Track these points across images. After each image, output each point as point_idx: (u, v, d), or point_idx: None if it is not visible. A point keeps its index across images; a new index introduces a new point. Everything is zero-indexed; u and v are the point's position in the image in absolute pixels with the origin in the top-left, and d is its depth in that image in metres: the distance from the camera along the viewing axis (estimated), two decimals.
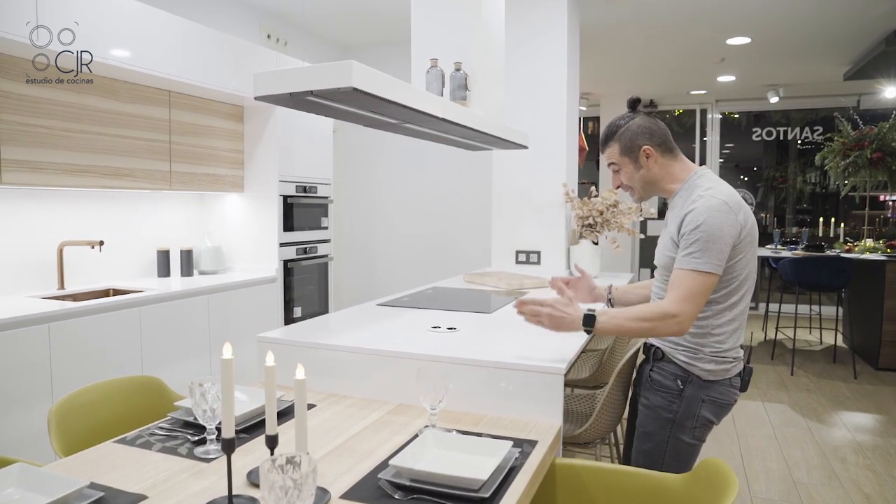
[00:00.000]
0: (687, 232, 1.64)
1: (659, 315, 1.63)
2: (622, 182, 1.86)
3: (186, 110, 3.67)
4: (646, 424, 1.78)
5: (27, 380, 2.55)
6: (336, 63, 1.69)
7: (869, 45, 5.52)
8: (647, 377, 1.80)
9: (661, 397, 1.75)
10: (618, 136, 1.84)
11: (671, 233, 1.73)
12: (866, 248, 5.53)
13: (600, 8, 4.64)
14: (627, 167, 1.83)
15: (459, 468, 1.32)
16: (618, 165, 1.85)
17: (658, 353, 1.78)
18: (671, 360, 1.75)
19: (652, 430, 1.77)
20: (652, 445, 1.77)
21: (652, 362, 1.80)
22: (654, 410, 1.77)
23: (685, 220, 1.66)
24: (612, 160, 1.86)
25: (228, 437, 1.16)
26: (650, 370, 1.79)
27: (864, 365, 5.35)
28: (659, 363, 1.78)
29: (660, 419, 1.75)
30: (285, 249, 4.16)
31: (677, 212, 1.73)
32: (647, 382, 1.80)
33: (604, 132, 1.88)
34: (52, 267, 3.25)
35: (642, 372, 1.85)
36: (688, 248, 1.63)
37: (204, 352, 3.46)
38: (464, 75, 2.63)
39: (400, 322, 2.42)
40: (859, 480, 3.12)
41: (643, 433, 1.79)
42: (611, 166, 1.87)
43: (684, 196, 1.75)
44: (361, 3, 4.67)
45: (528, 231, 4.16)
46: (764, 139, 8.41)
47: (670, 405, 1.74)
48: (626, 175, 1.84)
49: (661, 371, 1.77)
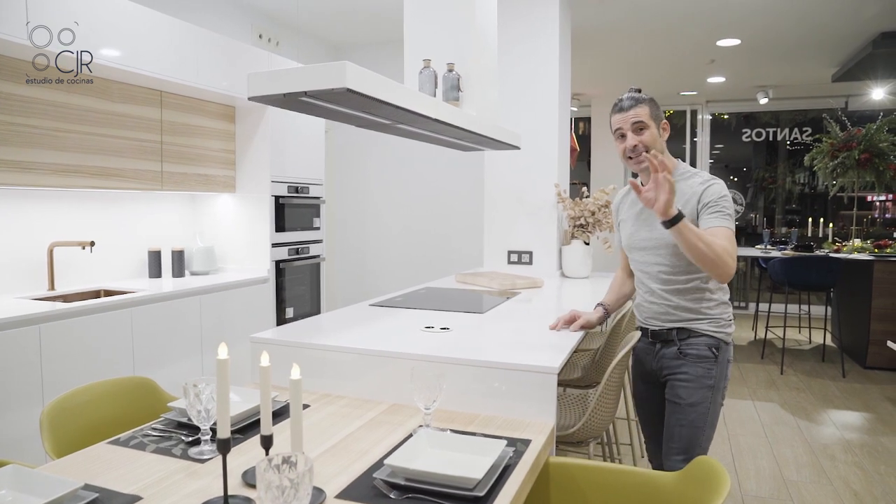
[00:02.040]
0: (715, 199, 1.85)
1: (722, 250, 1.76)
2: (640, 142, 1.93)
3: (178, 110, 3.65)
4: (690, 396, 1.93)
5: (17, 381, 2.53)
6: (330, 64, 1.70)
7: (856, 48, 5.57)
8: (677, 355, 1.96)
9: (701, 367, 1.93)
10: (648, 101, 1.96)
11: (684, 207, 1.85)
12: (854, 247, 5.58)
13: (592, 9, 4.67)
14: (653, 130, 1.94)
15: (454, 467, 1.33)
16: (645, 125, 1.93)
17: (683, 333, 1.96)
18: (700, 333, 1.94)
19: (696, 399, 1.93)
20: (697, 415, 1.92)
21: (678, 342, 1.96)
22: (696, 381, 1.93)
23: (709, 191, 1.87)
24: (642, 119, 1.93)
25: (224, 437, 1.16)
26: (679, 349, 1.96)
27: (852, 363, 5.40)
28: (686, 340, 1.96)
29: (703, 387, 1.93)
30: (277, 250, 4.15)
31: (681, 193, 1.89)
32: (680, 359, 1.96)
33: (631, 97, 1.96)
34: (43, 267, 3.23)
35: (664, 355, 2.00)
36: (719, 210, 1.84)
37: (196, 352, 3.44)
38: (456, 76, 2.64)
39: (393, 322, 2.42)
40: (848, 477, 3.16)
41: (687, 405, 1.93)
42: (636, 125, 1.93)
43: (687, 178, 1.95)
44: (353, 3, 4.67)
45: (521, 231, 4.18)
46: (754, 140, 8.48)
47: (709, 372, 1.93)
48: (650, 136, 1.93)
49: (692, 345, 1.95)
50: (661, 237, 1.93)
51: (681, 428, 1.94)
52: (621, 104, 1.97)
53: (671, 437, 1.97)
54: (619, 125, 1.96)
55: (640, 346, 2.13)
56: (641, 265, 2.05)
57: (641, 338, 2.10)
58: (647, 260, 2.01)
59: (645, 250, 2.01)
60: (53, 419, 1.68)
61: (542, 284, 3.53)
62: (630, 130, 1.94)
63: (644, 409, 2.21)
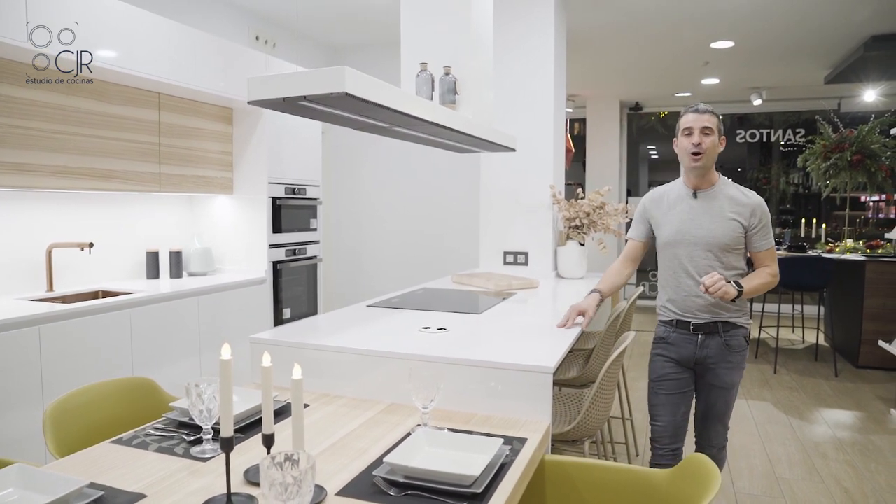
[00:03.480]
0: (766, 221, 2.23)
1: (773, 275, 2.24)
2: (703, 143, 2.20)
3: (176, 112, 3.67)
4: (732, 379, 2.29)
5: (17, 382, 2.55)
6: (329, 69, 1.72)
7: (849, 50, 5.63)
8: (722, 346, 2.25)
9: (741, 355, 2.29)
10: (718, 116, 2.25)
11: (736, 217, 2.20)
12: (847, 248, 5.63)
13: (587, 12, 4.70)
14: (715, 138, 2.23)
15: (452, 465, 1.36)
16: (713, 132, 2.22)
17: (727, 326, 2.25)
18: (737, 325, 2.26)
19: (735, 381, 2.30)
20: (734, 392, 2.32)
21: (722, 334, 2.25)
22: (737, 366, 2.28)
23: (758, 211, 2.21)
24: (711, 125, 2.21)
25: (227, 435, 1.19)
26: (724, 340, 2.25)
27: (844, 363, 5.45)
28: (729, 332, 2.25)
29: (741, 370, 2.30)
30: (274, 251, 4.18)
31: (737, 200, 2.22)
32: (725, 350, 2.26)
33: (704, 107, 2.25)
34: (42, 269, 3.24)
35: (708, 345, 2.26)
36: (768, 231, 2.24)
37: (194, 353, 3.46)
38: (453, 79, 2.67)
39: (391, 323, 2.45)
40: (839, 475, 3.20)
41: (730, 387, 2.29)
42: (704, 130, 2.20)
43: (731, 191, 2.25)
44: (350, 6, 4.70)
45: (516, 232, 4.21)
46: (748, 141, 8.53)
47: (744, 357, 2.31)
48: (711, 143, 2.21)
49: (733, 336, 2.26)
50: (711, 236, 2.21)
51: (725, 405, 2.32)
52: (697, 107, 2.26)
53: (717, 417, 2.33)
54: (690, 124, 2.23)
55: (674, 335, 2.32)
56: (687, 259, 2.26)
57: (678, 328, 2.31)
58: (695, 255, 2.24)
59: (694, 246, 2.24)
60: (56, 419, 1.70)
61: (538, 285, 3.57)
62: (699, 131, 2.21)
63: (666, 391, 2.34)
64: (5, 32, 2.56)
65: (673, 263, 2.30)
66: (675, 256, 2.29)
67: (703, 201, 2.25)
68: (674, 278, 2.30)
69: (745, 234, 2.20)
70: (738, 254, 2.23)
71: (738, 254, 2.24)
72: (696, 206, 2.25)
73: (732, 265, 2.23)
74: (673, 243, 2.28)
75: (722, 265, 2.21)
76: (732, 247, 2.21)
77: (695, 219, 2.24)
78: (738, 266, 2.24)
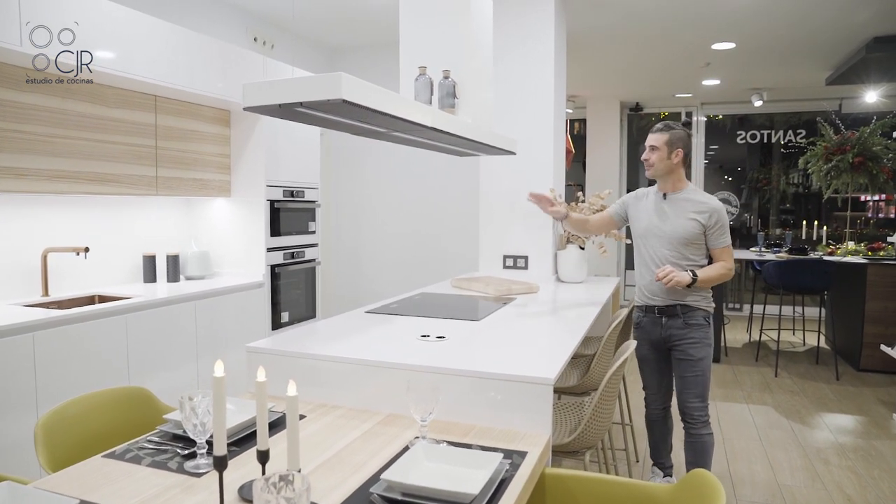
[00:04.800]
0: (723, 222, 2.63)
1: (727, 268, 2.64)
2: (650, 158, 2.68)
3: (172, 115, 3.64)
4: (697, 353, 2.65)
5: (11, 389, 2.52)
6: (325, 75, 1.70)
7: (850, 52, 5.60)
8: (683, 326, 2.66)
9: (702, 331, 2.66)
10: (670, 133, 2.67)
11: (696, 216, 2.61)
12: (848, 250, 5.61)
13: (587, 13, 4.67)
14: (663, 153, 2.66)
15: (450, 482, 1.33)
16: (658, 149, 2.67)
17: (685, 308, 2.66)
18: (696, 307, 2.66)
19: (702, 355, 2.66)
20: (701, 368, 2.66)
21: (682, 315, 2.66)
22: (700, 342, 2.66)
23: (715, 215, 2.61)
24: (657, 143, 2.67)
25: (220, 454, 1.16)
26: (684, 320, 2.65)
27: (846, 366, 5.43)
28: (687, 314, 2.66)
29: (704, 346, 2.66)
30: (272, 254, 4.15)
31: (696, 204, 2.64)
32: (686, 328, 2.66)
33: (660, 126, 2.70)
34: (37, 274, 3.21)
35: (671, 325, 2.68)
36: (722, 232, 2.63)
37: (191, 358, 3.44)
38: (452, 83, 2.64)
39: (389, 330, 2.42)
40: (842, 482, 3.17)
41: (697, 360, 2.66)
42: (651, 147, 2.68)
43: (694, 196, 2.67)
44: (348, 6, 4.67)
45: (516, 236, 4.18)
46: (748, 142, 8.51)
47: (707, 334, 2.68)
48: (658, 157, 2.67)
49: (691, 317, 2.66)
50: (673, 231, 2.64)
51: (695, 377, 2.67)
52: (655, 126, 2.72)
53: (688, 386, 2.68)
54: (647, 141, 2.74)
55: (645, 320, 2.79)
56: (653, 249, 2.69)
57: (647, 313, 2.77)
58: (658, 246, 2.67)
59: (659, 238, 2.67)
60: (48, 431, 1.67)
61: (538, 290, 3.54)
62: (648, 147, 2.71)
63: (649, 368, 2.87)
64: (3, 36, 2.53)
65: (642, 253, 2.75)
66: (644, 247, 2.74)
67: (671, 203, 2.69)
68: (643, 266, 2.75)
69: (703, 232, 2.62)
70: (696, 248, 2.64)
71: (696, 248, 2.64)
72: (665, 207, 2.70)
73: (690, 258, 2.64)
74: (644, 235, 2.74)
75: (682, 256, 2.64)
76: (691, 241, 2.62)
77: (661, 217, 2.69)
78: (696, 259, 2.65)
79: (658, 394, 2.91)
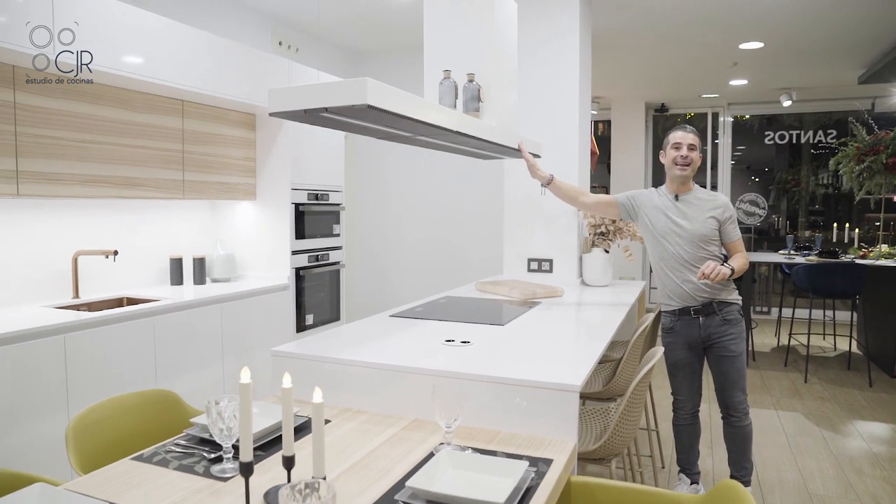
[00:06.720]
0: (733, 215, 2.77)
1: (747, 258, 2.74)
2: (689, 156, 2.73)
3: (199, 119, 3.69)
4: (738, 348, 2.73)
5: (44, 390, 2.56)
6: (351, 80, 1.70)
7: (884, 49, 5.47)
8: (721, 322, 2.71)
9: (739, 326, 2.73)
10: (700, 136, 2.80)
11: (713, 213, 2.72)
12: (881, 253, 5.47)
13: (612, 13, 4.63)
14: (698, 153, 2.77)
15: (476, 490, 1.32)
16: (696, 148, 2.76)
17: (722, 305, 2.72)
18: (730, 302, 2.73)
19: (741, 350, 2.74)
20: (742, 362, 2.74)
21: (718, 312, 2.71)
22: (738, 336, 2.73)
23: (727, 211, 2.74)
24: (696, 143, 2.76)
25: (247, 460, 1.16)
26: (722, 317, 2.71)
27: (879, 372, 5.29)
28: (724, 309, 2.72)
29: (741, 340, 2.74)
30: (297, 257, 4.18)
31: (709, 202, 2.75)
32: (725, 324, 2.72)
33: (682, 125, 2.81)
34: (68, 276, 3.27)
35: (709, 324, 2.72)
36: (735, 224, 2.77)
37: (217, 360, 3.47)
38: (477, 86, 2.63)
39: (414, 335, 2.41)
40: (877, 493, 3.09)
41: (737, 355, 2.73)
42: (691, 146, 2.75)
43: (703, 195, 2.79)
44: (373, 11, 4.68)
45: (540, 239, 4.15)
46: (776, 142, 8.35)
47: (743, 328, 2.75)
48: (696, 157, 2.75)
49: (728, 312, 2.72)
50: (696, 230, 2.70)
51: (737, 372, 2.73)
52: (685, 127, 2.79)
53: (732, 381, 2.74)
54: (679, 140, 2.76)
55: (679, 323, 2.79)
56: (680, 251, 2.71)
57: (681, 316, 2.78)
58: (683, 245, 2.71)
59: (682, 237, 2.71)
60: (78, 434, 1.69)
61: (563, 293, 3.51)
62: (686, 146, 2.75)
63: (683, 372, 2.87)
64: (13, 40, 2.56)
65: (666, 257, 2.77)
66: (666, 250, 2.76)
67: (685, 204, 2.76)
68: (670, 270, 2.76)
69: (719, 227, 2.72)
70: (715, 244, 2.73)
71: (715, 244, 2.73)
72: (682, 207, 2.76)
73: (713, 254, 2.72)
74: (665, 236, 2.76)
75: (707, 254, 2.70)
76: (711, 238, 2.71)
77: (682, 217, 2.74)
78: (716, 254, 2.73)
79: (689, 398, 2.90)
